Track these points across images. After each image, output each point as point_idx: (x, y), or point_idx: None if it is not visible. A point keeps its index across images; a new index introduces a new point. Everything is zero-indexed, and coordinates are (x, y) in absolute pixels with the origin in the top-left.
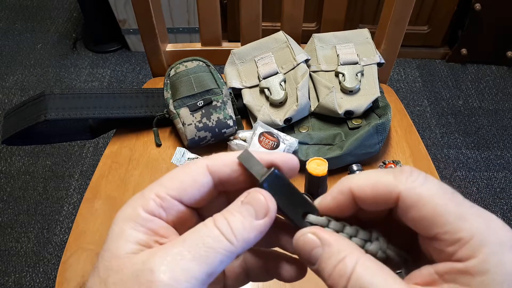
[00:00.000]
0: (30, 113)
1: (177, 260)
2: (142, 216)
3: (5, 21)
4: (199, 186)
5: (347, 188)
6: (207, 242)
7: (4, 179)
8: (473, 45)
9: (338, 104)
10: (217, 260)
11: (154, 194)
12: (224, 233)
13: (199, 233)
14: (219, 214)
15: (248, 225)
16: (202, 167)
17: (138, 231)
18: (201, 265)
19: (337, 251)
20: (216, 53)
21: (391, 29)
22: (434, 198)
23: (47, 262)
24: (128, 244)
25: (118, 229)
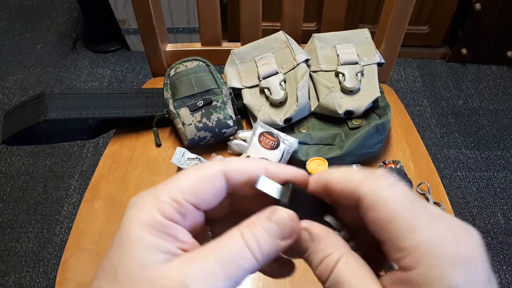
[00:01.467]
0: (30, 113)
1: (211, 278)
2: (160, 221)
3: (5, 21)
4: (216, 192)
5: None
6: (238, 261)
7: (4, 179)
8: (473, 45)
9: (338, 104)
10: (243, 276)
11: (170, 198)
12: (253, 251)
13: (229, 249)
14: (246, 229)
15: (274, 245)
16: (218, 172)
17: (159, 238)
18: (230, 281)
19: (325, 246)
20: (216, 53)
21: (391, 29)
22: (393, 204)
23: (47, 262)
24: (151, 252)
25: (135, 234)
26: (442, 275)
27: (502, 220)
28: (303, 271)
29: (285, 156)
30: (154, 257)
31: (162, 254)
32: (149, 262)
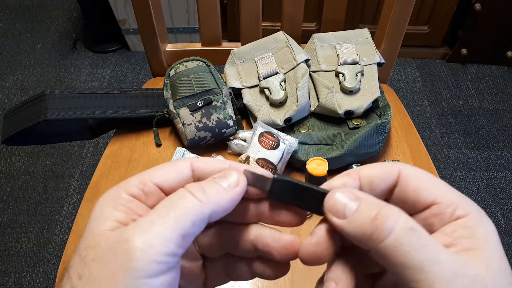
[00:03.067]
0: (30, 113)
1: (149, 227)
2: (123, 197)
3: (5, 21)
4: (180, 178)
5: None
6: (179, 206)
7: (4, 179)
8: (473, 45)
9: (338, 104)
10: (189, 220)
11: (137, 180)
12: (194, 194)
13: (170, 200)
14: (192, 183)
15: (220, 189)
16: (186, 163)
17: (117, 210)
18: (173, 227)
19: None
20: (216, 53)
21: (391, 29)
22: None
23: (47, 262)
24: (107, 222)
25: (98, 210)
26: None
27: (502, 220)
28: (303, 271)
29: (285, 156)
30: (109, 225)
31: (117, 223)
32: (103, 230)
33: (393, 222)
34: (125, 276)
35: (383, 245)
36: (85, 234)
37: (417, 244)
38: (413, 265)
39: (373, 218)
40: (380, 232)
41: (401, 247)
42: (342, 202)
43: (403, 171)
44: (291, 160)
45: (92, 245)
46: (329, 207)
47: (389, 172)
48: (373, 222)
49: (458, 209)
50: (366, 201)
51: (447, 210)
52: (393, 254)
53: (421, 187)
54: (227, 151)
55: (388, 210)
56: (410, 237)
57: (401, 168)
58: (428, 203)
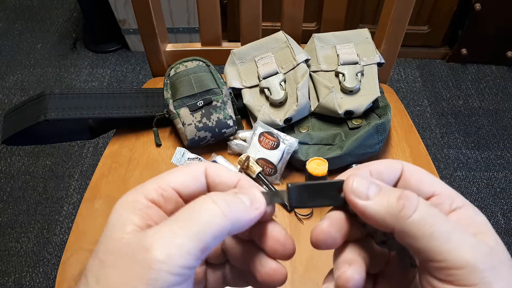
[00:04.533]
0: (30, 113)
1: (170, 238)
2: (141, 202)
3: (5, 21)
4: (196, 183)
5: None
6: (202, 216)
7: (4, 179)
8: (473, 45)
9: (338, 104)
10: (210, 235)
11: (156, 185)
12: (221, 208)
13: (193, 209)
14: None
15: (244, 207)
16: (201, 167)
17: (135, 215)
18: (196, 242)
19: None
20: (216, 53)
21: (391, 29)
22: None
23: (47, 262)
24: (125, 227)
25: (116, 215)
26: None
27: (502, 220)
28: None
29: (285, 156)
30: (127, 229)
31: (135, 227)
32: (122, 234)
33: (417, 200)
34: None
35: (411, 220)
36: (103, 239)
37: (441, 217)
38: (440, 235)
39: (398, 197)
40: (408, 209)
41: (428, 220)
42: (365, 185)
43: (405, 166)
44: (291, 160)
45: (111, 250)
46: (352, 189)
47: (394, 166)
48: (399, 201)
49: (455, 201)
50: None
51: (446, 201)
52: (421, 228)
53: (422, 181)
54: (227, 151)
55: (410, 192)
56: (434, 212)
57: (403, 163)
58: (429, 193)
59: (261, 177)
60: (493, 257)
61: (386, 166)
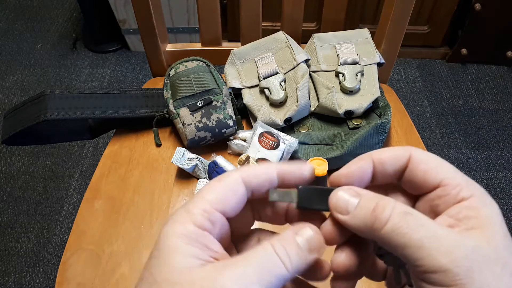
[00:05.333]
0: (30, 113)
1: (245, 282)
2: (194, 231)
3: (5, 21)
4: (238, 197)
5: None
6: (270, 268)
7: (4, 179)
8: (473, 45)
9: (338, 104)
10: (275, 284)
11: (201, 209)
12: (283, 262)
13: (261, 257)
14: (276, 240)
15: (303, 257)
16: (237, 178)
17: (193, 246)
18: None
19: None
20: (216, 53)
21: (391, 29)
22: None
23: (47, 262)
24: (186, 258)
25: (172, 244)
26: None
27: None
28: None
29: (285, 156)
30: (190, 262)
31: (197, 260)
32: (186, 267)
33: (389, 210)
34: None
35: (384, 231)
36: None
37: (414, 224)
38: (413, 244)
39: (372, 210)
40: (379, 222)
41: (400, 230)
42: (345, 199)
43: (414, 155)
44: (291, 160)
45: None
46: (333, 205)
47: (399, 155)
48: (372, 214)
49: (463, 191)
50: (365, 196)
51: (452, 192)
52: (394, 237)
53: (429, 170)
54: (227, 151)
55: (384, 202)
56: (406, 220)
57: (412, 152)
58: (434, 184)
59: None
60: (474, 257)
61: (391, 156)
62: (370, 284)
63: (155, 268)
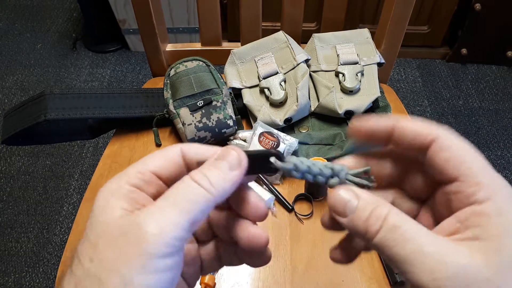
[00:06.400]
0: (30, 113)
1: (161, 214)
2: (125, 188)
3: (5, 21)
4: (174, 165)
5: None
6: (187, 193)
7: (4, 179)
8: (473, 45)
9: (338, 104)
10: (198, 210)
11: (136, 170)
12: (202, 185)
13: (178, 189)
14: (195, 171)
15: (225, 176)
16: (177, 149)
17: (121, 200)
18: (185, 216)
19: (372, 201)
20: (216, 53)
21: (391, 29)
22: (464, 148)
23: (47, 262)
24: (114, 211)
25: (103, 201)
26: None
27: None
28: (303, 271)
29: None
30: (115, 214)
31: (123, 210)
32: (110, 219)
33: (380, 222)
34: (138, 257)
35: (373, 243)
36: (92, 224)
37: (400, 239)
38: (398, 258)
39: (365, 219)
40: (370, 233)
41: (387, 243)
42: (343, 201)
43: (440, 139)
44: None
45: (103, 232)
46: (332, 205)
47: (423, 134)
48: (365, 224)
49: (481, 192)
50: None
51: (467, 190)
52: (382, 250)
53: (450, 160)
54: None
55: (378, 212)
56: (393, 235)
57: (439, 134)
58: (452, 177)
59: (261, 177)
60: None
61: (413, 131)
62: (371, 284)
63: (88, 225)
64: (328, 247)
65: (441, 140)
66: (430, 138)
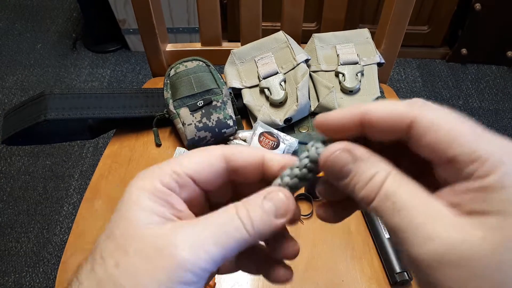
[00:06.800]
0: (30, 113)
1: (200, 241)
2: (159, 188)
3: (5, 21)
4: (214, 170)
5: (359, 109)
6: (228, 230)
7: (4, 179)
8: (473, 45)
9: (338, 104)
10: (233, 246)
11: (170, 170)
12: (244, 224)
13: (221, 219)
14: (240, 204)
15: (267, 221)
16: (219, 153)
17: (155, 203)
18: (220, 249)
19: (371, 165)
20: (216, 53)
21: (391, 29)
22: (449, 122)
23: (47, 262)
24: (146, 214)
25: (134, 197)
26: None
27: None
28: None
29: None
30: (149, 218)
31: (157, 217)
32: (143, 222)
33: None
34: (166, 278)
35: (369, 209)
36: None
37: (391, 210)
38: (390, 227)
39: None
40: (366, 200)
41: (380, 212)
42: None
43: (420, 120)
44: None
45: (134, 236)
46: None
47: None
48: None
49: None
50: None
51: (466, 169)
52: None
53: (438, 142)
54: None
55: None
56: (385, 203)
57: (417, 116)
58: (445, 159)
59: None
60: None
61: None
62: (371, 284)
63: (115, 221)
64: (328, 247)
65: (421, 120)
66: (407, 122)
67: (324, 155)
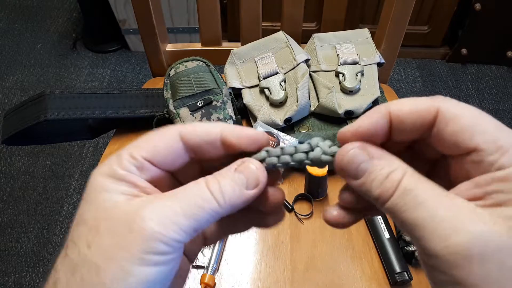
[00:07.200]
0: (30, 113)
1: (168, 213)
2: (119, 172)
3: (5, 21)
4: (172, 151)
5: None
6: (198, 202)
7: (4, 179)
8: (473, 45)
9: (338, 104)
10: (204, 218)
11: (128, 154)
12: (215, 196)
13: (191, 191)
14: (211, 177)
15: (238, 192)
16: (175, 133)
17: (119, 184)
18: (190, 220)
19: (388, 163)
20: (216, 53)
21: (391, 29)
22: (471, 113)
23: (47, 262)
24: (112, 195)
25: (98, 184)
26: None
27: None
28: (303, 271)
29: None
30: (116, 197)
31: (123, 195)
32: (111, 202)
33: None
34: (138, 249)
35: (385, 207)
36: (90, 207)
37: (412, 204)
38: (409, 223)
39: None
40: (383, 198)
41: (397, 208)
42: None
43: (443, 110)
44: None
45: (104, 216)
46: (343, 167)
47: (423, 111)
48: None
49: (504, 156)
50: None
51: (488, 159)
52: (394, 215)
53: (461, 131)
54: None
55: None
56: (404, 198)
57: (440, 106)
58: (468, 149)
59: None
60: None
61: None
62: (371, 284)
63: (84, 208)
64: (328, 247)
65: (445, 111)
66: (432, 114)
67: (340, 153)
